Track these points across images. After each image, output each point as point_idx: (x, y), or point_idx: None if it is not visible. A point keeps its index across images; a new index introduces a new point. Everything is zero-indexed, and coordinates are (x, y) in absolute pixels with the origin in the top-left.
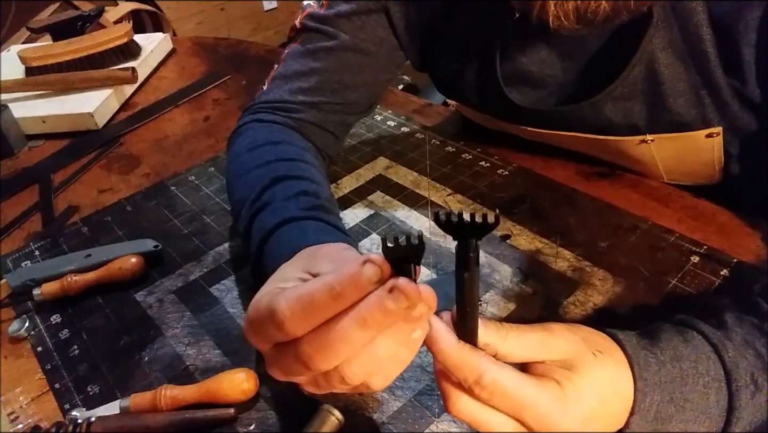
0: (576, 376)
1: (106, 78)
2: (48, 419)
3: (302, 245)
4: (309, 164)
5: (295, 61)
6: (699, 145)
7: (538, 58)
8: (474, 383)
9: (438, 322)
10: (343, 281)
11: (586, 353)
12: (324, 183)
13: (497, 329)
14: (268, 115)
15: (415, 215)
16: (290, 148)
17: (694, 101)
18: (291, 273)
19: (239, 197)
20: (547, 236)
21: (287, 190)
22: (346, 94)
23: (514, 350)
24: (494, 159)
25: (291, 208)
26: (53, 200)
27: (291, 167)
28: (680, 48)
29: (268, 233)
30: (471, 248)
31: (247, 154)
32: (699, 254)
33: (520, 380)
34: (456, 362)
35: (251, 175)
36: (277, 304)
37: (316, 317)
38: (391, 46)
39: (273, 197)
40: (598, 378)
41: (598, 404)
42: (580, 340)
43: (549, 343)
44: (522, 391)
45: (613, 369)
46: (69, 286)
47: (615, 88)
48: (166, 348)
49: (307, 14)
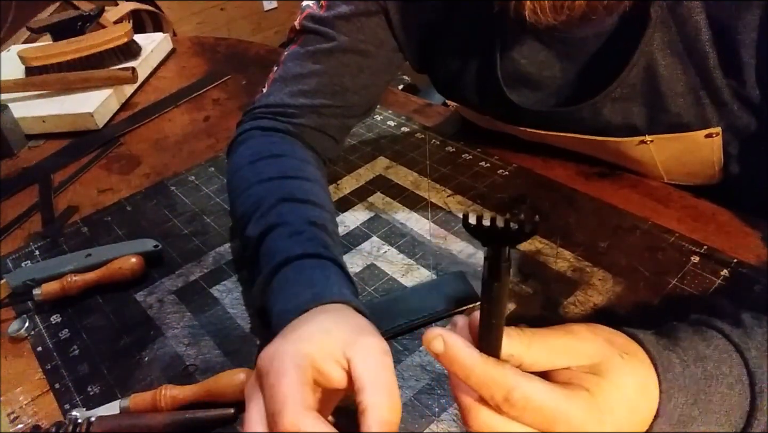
0: (606, 382)
1: (106, 78)
2: (48, 418)
3: (321, 299)
4: (312, 182)
5: (295, 63)
6: (698, 145)
7: (537, 60)
8: (503, 401)
9: (455, 338)
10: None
11: (614, 356)
12: (327, 202)
13: (520, 336)
14: (269, 122)
15: (415, 217)
16: (292, 163)
17: (693, 102)
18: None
19: (243, 212)
20: (547, 236)
21: (296, 215)
22: (346, 96)
23: (539, 359)
24: (494, 159)
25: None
26: (53, 200)
27: (295, 187)
28: (679, 48)
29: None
30: (503, 257)
31: (249, 167)
32: (699, 254)
33: (552, 392)
34: (481, 379)
35: (253, 191)
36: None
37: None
38: (390, 47)
39: (281, 220)
40: (628, 383)
41: (629, 412)
42: (605, 342)
43: (574, 348)
44: (554, 404)
45: (640, 372)
46: (69, 286)
47: (614, 89)
48: (166, 348)
49: (307, 15)
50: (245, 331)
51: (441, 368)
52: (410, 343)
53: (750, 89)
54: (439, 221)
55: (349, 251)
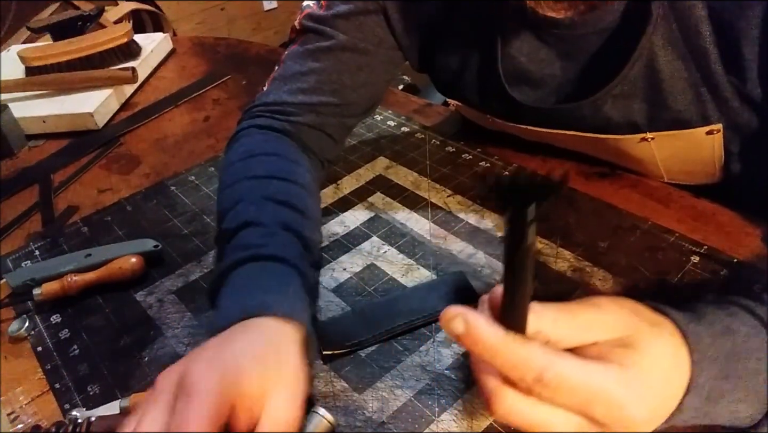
0: (638, 354)
1: (106, 78)
2: (48, 418)
3: (267, 310)
4: (299, 186)
5: (294, 62)
6: (699, 142)
7: (537, 58)
8: (535, 381)
9: (476, 316)
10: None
11: (642, 328)
12: (310, 207)
13: (546, 311)
14: (266, 120)
15: (415, 217)
16: (282, 164)
17: (694, 99)
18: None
19: (224, 206)
20: (547, 236)
21: (273, 217)
22: (345, 94)
23: (566, 335)
24: (494, 159)
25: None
26: (53, 200)
27: (279, 189)
28: (680, 45)
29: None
30: (527, 215)
31: (239, 163)
32: (699, 254)
33: (587, 369)
34: (509, 359)
35: (238, 186)
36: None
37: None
38: (389, 46)
39: (258, 219)
40: (660, 354)
41: (664, 383)
42: (632, 313)
43: (601, 321)
44: (591, 383)
45: (671, 342)
46: (69, 286)
47: (615, 86)
48: (166, 348)
49: (306, 15)
50: None
51: (441, 368)
52: (410, 343)
53: (751, 86)
54: (439, 221)
55: (349, 251)
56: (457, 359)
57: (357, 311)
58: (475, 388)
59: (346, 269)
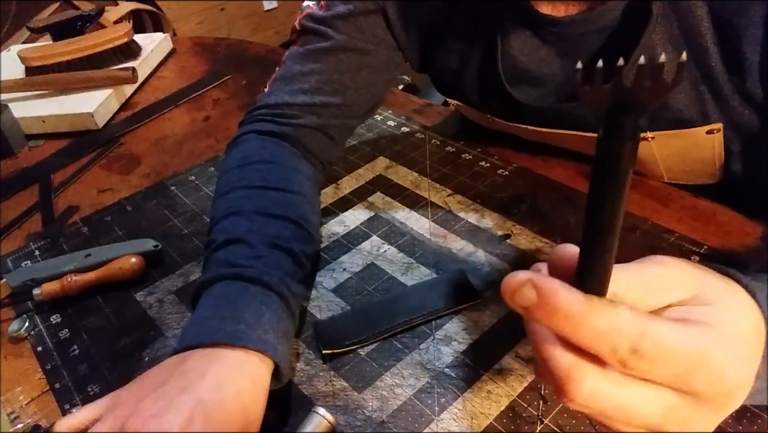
0: (721, 311)
1: (106, 78)
2: (48, 418)
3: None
4: (295, 194)
5: (295, 62)
6: (699, 142)
7: (537, 57)
8: (630, 353)
9: (550, 281)
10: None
11: (713, 282)
12: (306, 216)
13: (617, 272)
14: (267, 125)
15: (415, 216)
16: (279, 172)
17: (694, 97)
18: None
19: (217, 215)
20: (547, 235)
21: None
22: (347, 94)
23: (639, 297)
24: (494, 159)
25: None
26: (53, 200)
27: (274, 200)
28: (680, 44)
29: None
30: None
31: (236, 171)
32: (699, 254)
33: (687, 333)
34: (599, 329)
35: (232, 195)
36: None
37: None
38: (389, 46)
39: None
40: (740, 309)
41: (756, 336)
42: (696, 268)
43: (672, 278)
44: (692, 347)
45: (744, 297)
46: (69, 286)
47: None
48: (166, 348)
49: (306, 15)
50: None
51: (441, 366)
52: (410, 341)
53: (751, 85)
54: (439, 220)
55: (349, 251)
56: (457, 357)
57: (356, 310)
58: (475, 386)
59: (346, 268)
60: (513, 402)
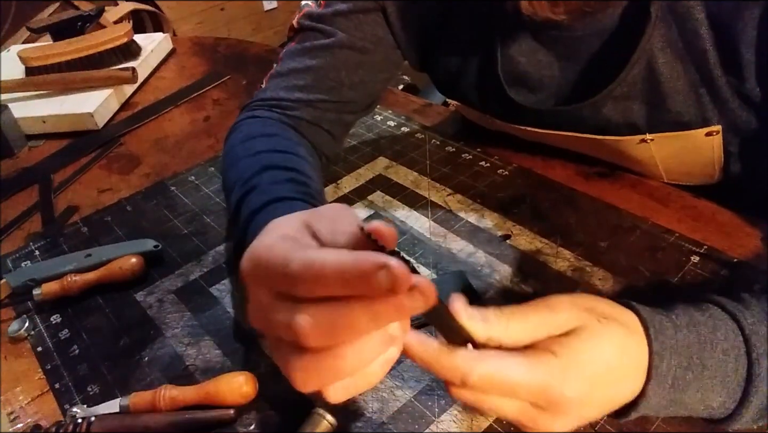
0: (574, 340)
1: (106, 78)
2: (48, 418)
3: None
4: (301, 158)
5: (292, 59)
6: (698, 144)
7: (535, 60)
8: (462, 385)
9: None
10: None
11: (590, 321)
12: (315, 177)
13: (498, 318)
14: (265, 112)
15: (415, 215)
16: (283, 141)
17: (693, 100)
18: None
19: (229, 185)
20: (547, 235)
21: (277, 176)
22: (343, 91)
23: (518, 337)
24: (494, 159)
25: (280, 190)
26: (53, 200)
27: (282, 158)
28: (679, 47)
29: (256, 210)
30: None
31: (240, 145)
32: (699, 253)
33: (508, 365)
34: (437, 368)
35: (241, 164)
36: (294, 256)
37: (326, 287)
38: (388, 45)
39: (261, 182)
40: (603, 342)
41: (604, 369)
42: (583, 310)
43: (552, 320)
44: (512, 375)
45: (620, 333)
46: (69, 286)
47: (614, 88)
48: (166, 348)
49: (305, 13)
50: (245, 331)
51: None
52: None
53: (750, 87)
54: (439, 219)
55: None
56: None
57: None
58: None
59: None
60: None
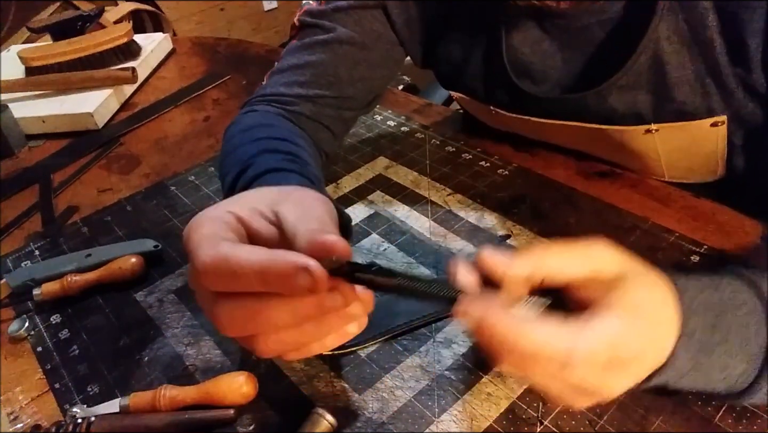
0: (629, 293)
1: (106, 78)
2: (48, 418)
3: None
4: (300, 147)
5: (292, 55)
6: (703, 134)
7: (540, 49)
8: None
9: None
10: (272, 277)
11: (633, 269)
12: (314, 164)
13: (532, 254)
14: (264, 106)
15: (414, 215)
16: (283, 131)
17: (699, 90)
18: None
19: (226, 171)
20: (547, 235)
21: (275, 157)
22: (342, 87)
23: (557, 268)
24: (494, 159)
25: (275, 164)
26: (53, 200)
27: (282, 144)
28: (685, 36)
29: (250, 182)
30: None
31: (239, 134)
32: (699, 253)
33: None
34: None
35: (239, 150)
36: (201, 253)
37: (235, 286)
38: (388, 42)
39: (258, 161)
40: (655, 292)
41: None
42: (621, 255)
43: (593, 256)
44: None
45: (660, 284)
46: (69, 286)
47: (620, 77)
48: (166, 348)
49: (305, 11)
50: None
51: (441, 369)
52: (410, 344)
53: (756, 77)
54: (439, 219)
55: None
56: (457, 359)
57: None
58: (475, 388)
59: None
60: (512, 404)
